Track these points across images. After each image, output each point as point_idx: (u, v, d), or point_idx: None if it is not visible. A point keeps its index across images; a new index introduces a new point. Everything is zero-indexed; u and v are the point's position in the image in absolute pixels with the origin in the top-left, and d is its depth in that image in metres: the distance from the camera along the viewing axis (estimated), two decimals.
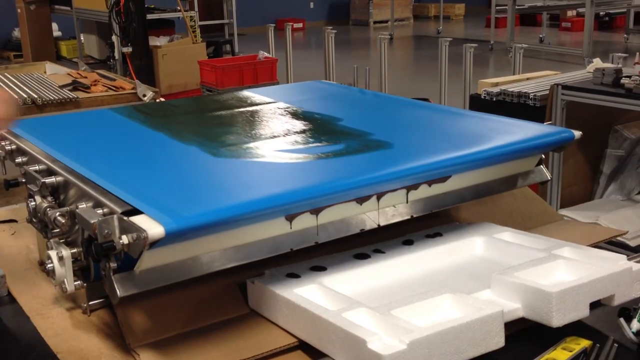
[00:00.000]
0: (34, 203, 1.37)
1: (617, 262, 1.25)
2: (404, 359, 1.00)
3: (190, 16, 8.68)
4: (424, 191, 1.45)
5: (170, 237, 1.10)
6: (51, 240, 1.29)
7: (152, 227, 1.08)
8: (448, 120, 1.77)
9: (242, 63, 6.93)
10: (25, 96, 3.41)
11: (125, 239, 1.10)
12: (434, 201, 1.48)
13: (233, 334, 1.23)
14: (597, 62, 3.97)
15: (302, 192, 1.27)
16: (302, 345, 1.19)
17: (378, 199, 1.39)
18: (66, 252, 1.25)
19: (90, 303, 1.32)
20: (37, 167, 1.43)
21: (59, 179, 1.35)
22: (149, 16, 8.06)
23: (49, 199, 1.36)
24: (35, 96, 3.43)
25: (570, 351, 1.15)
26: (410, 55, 12.47)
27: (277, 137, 1.61)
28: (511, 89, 4.00)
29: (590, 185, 3.82)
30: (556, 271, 1.27)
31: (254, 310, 1.29)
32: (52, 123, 1.87)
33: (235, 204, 1.20)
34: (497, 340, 1.09)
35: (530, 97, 3.87)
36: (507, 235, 1.46)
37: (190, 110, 1.97)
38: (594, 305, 1.20)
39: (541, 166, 1.65)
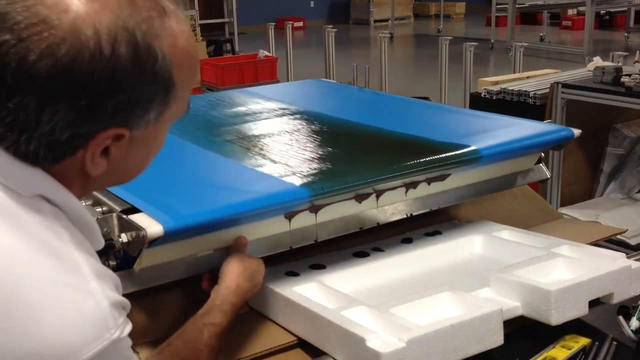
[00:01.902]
0: None
1: (616, 260, 1.25)
2: (403, 356, 1.00)
3: (191, 15, 8.68)
4: (424, 189, 1.45)
5: (169, 236, 1.10)
6: None
7: (151, 225, 1.09)
8: (448, 119, 1.77)
9: (243, 62, 6.93)
10: None
11: (124, 237, 1.10)
12: (433, 199, 1.49)
13: (232, 333, 1.22)
14: (598, 61, 3.95)
15: (300, 190, 1.27)
16: (301, 344, 1.19)
17: (377, 197, 1.39)
18: None
19: None
20: None
21: None
22: None
23: None
24: None
25: (569, 349, 1.15)
26: (411, 54, 12.46)
27: (278, 136, 1.61)
28: (511, 88, 4.00)
29: (590, 184, 3.81)
30: (555, 269, 1.27)
31: (253, 309, 1.29)
32: None
33: (233, 203, 1.20)
34: (496, 339, 1.09)
35: (530, 95, 3.87)
36: (506, 233, 1.46)
37: (192, 109, 1.97)
38: (593, 304, 1.19)
39: (541, 164, 1.65)
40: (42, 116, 0.72)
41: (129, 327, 0.77)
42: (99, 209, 1.18)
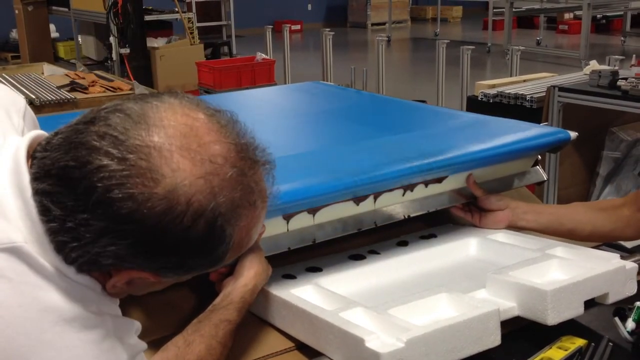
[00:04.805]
0: None
1: (611, 260, 1.26)
2: (402, 357, 1.00)
3: (188, 18, 8.67)
4: (421, 191, 1.46)
5: None
6: None
7: None
8: (445, 122, 1.77)
9: (240, 64, 6.93)
10: (23, 97, 3.42)
11: None
12: (431, 201, 1.49)
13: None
14: (594, 65, 3.97)
15: (298, 191, 1.27)
16: (299, 346, 1.19)
17: (375, 198, 1.40)
18: None
19: None
20: None
21: None
22: (147, 17, 8.05)
23: None
24: (33, 97, 3.44)
25: (566, 350, 1.16)
26: (408, 58, 12.49)
27: (275, 137, 1.62)
28: (508, 91, 4.01)
29: (586, 187, 3.82)
30: (550, 270, 1.27)
31: (250, 312, 1.29)
32: (50, 123, 1.87)
33: None
34: (494, 338, 1.09)
35: (527, 98, 3.88)
36: (501, 236, 1.47)
37: None
38: (589, 305, 1.20)
39: (537, 167, 1.66)
40: (98, 240, 0.75)
41: None
42: None
